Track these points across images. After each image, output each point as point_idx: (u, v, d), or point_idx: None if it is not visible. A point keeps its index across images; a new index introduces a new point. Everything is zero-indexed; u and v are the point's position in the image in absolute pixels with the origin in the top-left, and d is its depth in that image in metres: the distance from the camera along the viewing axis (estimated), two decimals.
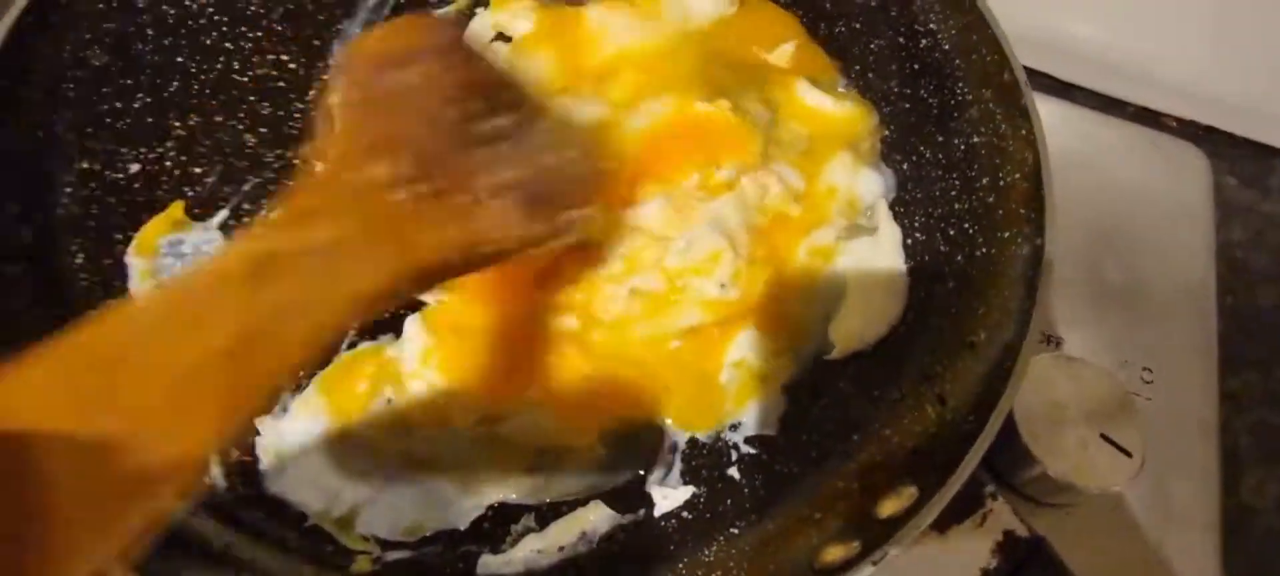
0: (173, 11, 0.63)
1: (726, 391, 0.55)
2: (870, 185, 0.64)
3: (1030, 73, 0.84)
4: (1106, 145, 0.82)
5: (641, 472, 0.54)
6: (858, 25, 0.70)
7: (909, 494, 0.46)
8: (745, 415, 0.55)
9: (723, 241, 0.53)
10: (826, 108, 0.66)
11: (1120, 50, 0.91)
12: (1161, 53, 0.91)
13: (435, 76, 0.36)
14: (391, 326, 0.56)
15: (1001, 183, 0.59)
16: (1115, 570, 0.62)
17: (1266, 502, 0.70)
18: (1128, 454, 0.59)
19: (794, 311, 0.57)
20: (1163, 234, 0.78)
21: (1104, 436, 0.59)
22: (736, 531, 0.52)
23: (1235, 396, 0.73)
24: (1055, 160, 0.78)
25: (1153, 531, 0.64)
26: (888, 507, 0.47)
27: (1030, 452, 0.58)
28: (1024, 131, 0.58)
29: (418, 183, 0.34)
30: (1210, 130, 0.88)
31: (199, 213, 0.59)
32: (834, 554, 0.47)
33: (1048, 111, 0.80)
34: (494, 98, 0.37)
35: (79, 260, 0.55)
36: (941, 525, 0.44)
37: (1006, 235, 0.57)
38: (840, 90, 0.69)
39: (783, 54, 0.68)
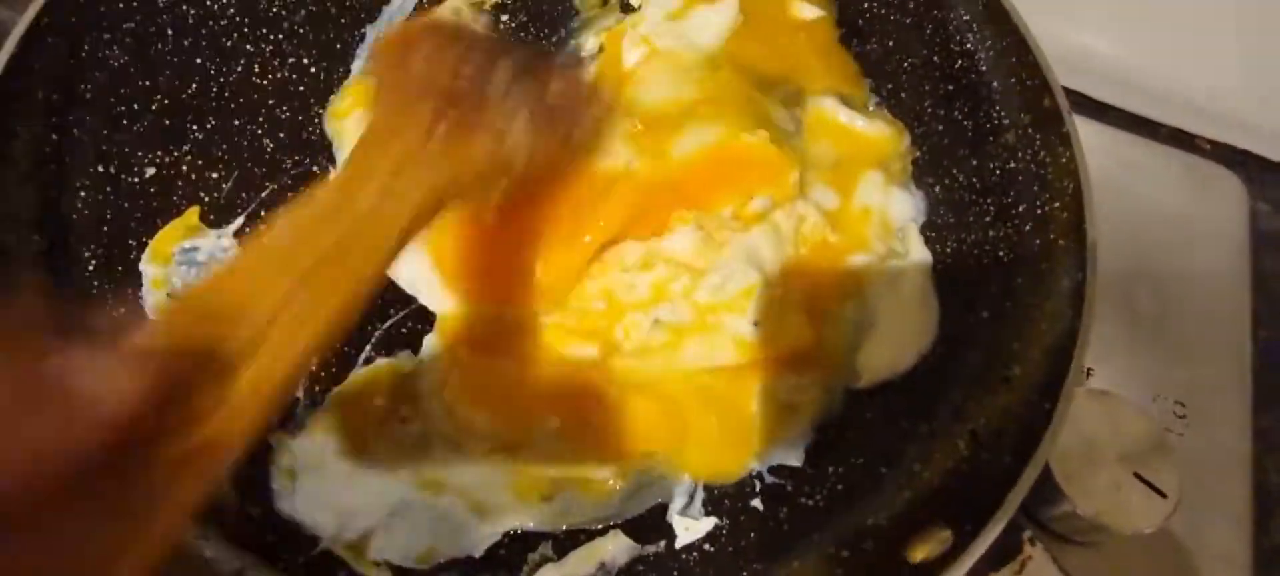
0: (193, 12, 0.61)
1: (751, 433, 0.53)
2: (902, 208, 0.62)
3: (1065, 92, 0.84)
4: (1139, 167, 0.80)
5: (662, 502, 0.52)
6: (891, 43, 0.69)
7: (943, 538, 0.44)
8: (771, 454, 0.53)
9: (756, 276, 0.52)
10: (858, 126, 0.64)
11: (1154, 71, 0.89)
12: (1196, 74, 0.89)
13: (445, 47, 0.44)
14: (409, 342, 0.55)
15: (1040, 211, 0.57)
16: None
17: None
18: (1162, 494, 0.57)
19: (825, 341, 0.55)
20: (1197, 262, 0.76)
21: (1138, 475, 0.57)
22: (759, 568, 0.50)
23: (1267, 434, 0.71)
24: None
25: (1184, 571, 0.62)
26: (920, 552, 0.45)
27: (1062, 491, 0.56)
28: (1065, 159, 0.56)
29: (451, 116, 0.41)
30: (1245, 155, 0.85)
31: (214, 219, 0.58)
32: None
33: (1081, 131, 0.80)
34: (494, 56, 0.44)
35: (92, 266, 0.54)
36: (976, 572, 0.42)
37: (1045, 266, 0.55)
38: (871, 109, 0.67)
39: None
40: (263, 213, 0.59)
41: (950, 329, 0.58)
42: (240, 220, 0.58)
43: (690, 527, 0.52)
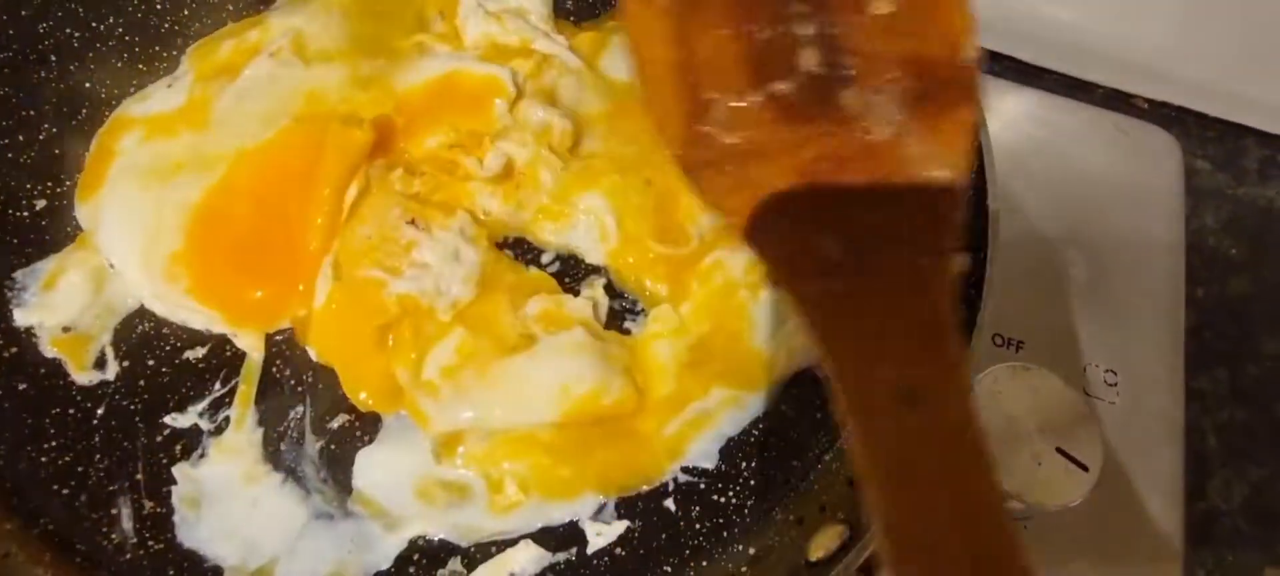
0: (78, 35, 0.60)
1: (660, 449, 0.53)
2: None
3: (996, 57, 0.83)
4: (1073, 131, 0.79)
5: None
6: None
7: (839, 532, 0.44)
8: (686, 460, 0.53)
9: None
10: None
11: (1090, 31, 0.87)
12: (1132, 32, 0.88)
13: None
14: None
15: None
16: None
17: (1233, 504, 0.68)
18: (1084, 468, 0.56)
19: (732, 354, 0.55)
20: (1131, 225, 0.75)
21: (1060, 450, 0.57)
22: (669, 569, 0.50)
23: (1203, 394, 0.71)
24: (1021, 149, 0.76)
25: (1114, 541, 0.62)
26: (817, 548, 0.45)
27: None
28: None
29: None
30: (1181, 112, 0.85)
31: None
32: None
33: (1014, 99, 0.79)
34: None
35: None
36: (870, 568, 0.42)
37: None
38: None
39: None
40: None
41: None
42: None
43: (602, 532, 0.51)
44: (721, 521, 0.52)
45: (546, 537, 0.51)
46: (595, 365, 0.53)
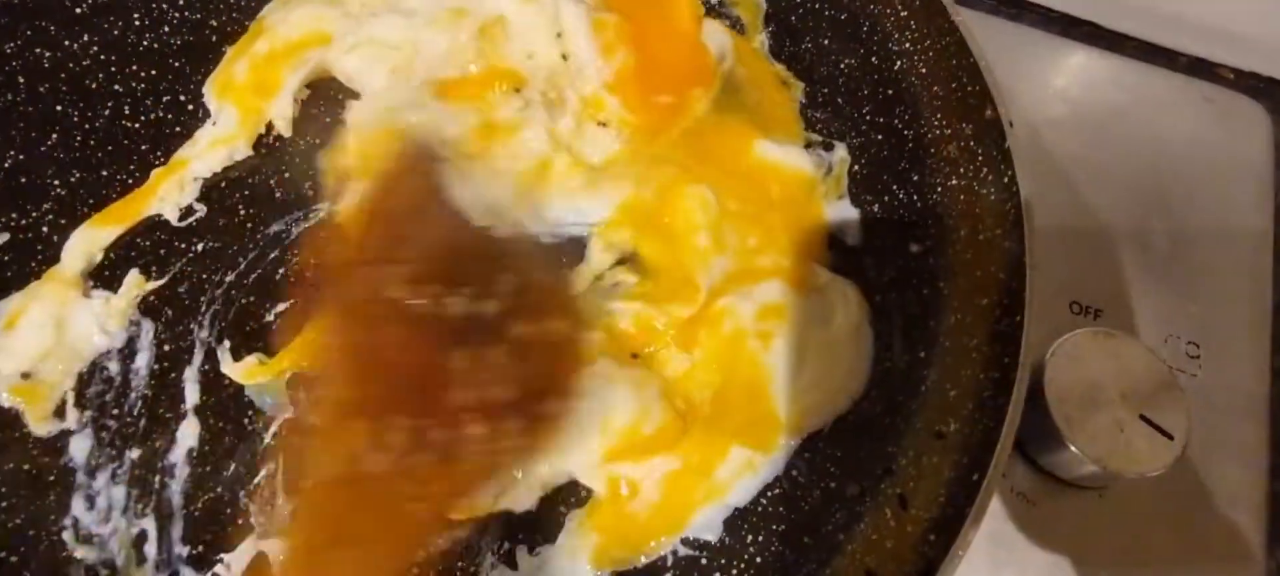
0: (49, 55, 0.56)
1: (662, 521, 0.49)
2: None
3: (1076, 22, 0.79)
4: (1157, 99, 0.75)
5: None
6: (825, 41, 0.62)
7: None
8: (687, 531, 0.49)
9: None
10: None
11: None
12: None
13: (420, 263, 0.34)
14: None
15: (981, 238, 0.51)
16: (1152, 555, 0.57)
17: None
18: (1169, 437, 0.53)
19: (750, 408, 0.50)
20: (1217, 196, 0.71)
21: (1144, 417, 0.54)
22: None
23: None
24: (1101, 115, 0.72)
25: (1193, 515, 0.58)
26: None
27: (1063, 434, 0.53)
28: (1006, 178, 0.50)
29: (396, 431, 0.32)
30: (1271, 82, 0.79)
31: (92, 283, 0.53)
32: None
33: (1094, 63, 0.75)
34: (484, 272, 0.35)
35: None
36: None
37: (985, 303, 0.49)
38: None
39: None
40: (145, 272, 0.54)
41: (884, 371, 0.52)
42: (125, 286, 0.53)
43: None
44: None
45: None
46: (629, 394, 0.50)
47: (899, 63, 0.58)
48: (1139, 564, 0.57)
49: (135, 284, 0.53)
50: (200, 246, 0.55)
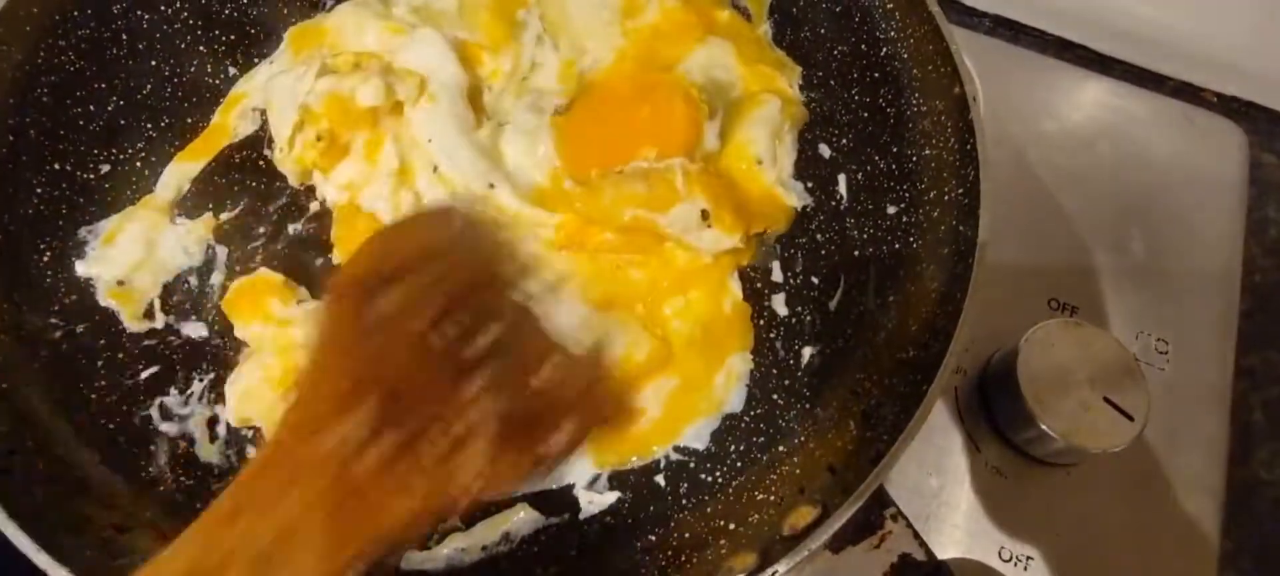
0: (147, 17, 0.65)
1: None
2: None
3: (1069, 45, 0.84)
4: (1142, 118, 0.80)
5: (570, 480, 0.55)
6: (822, 31, 0.70)
7: (810, 512, 0.47)
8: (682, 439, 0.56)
9: None
10: None
11: (1162, 24, 0.87)
12: (1203, 27, 0.87)
13: (429, 290, 0.34)
14: None
15: (947, 198, 0.58)
16: (1116, 530, 0.62)
17: (1276, 476, 0.69)
18: (1130, 417, 0.59)
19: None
20: (1193, 210, 0.76)
21: (1107, 399, 0.59)
22: (654, 538, 0.53)
23: (1253, 372, 0.72)
24: (1090, 132, 0.78)
25: (1156, 496, 0.63)
26: (790, 525, 0.47)
27: (1031, 412, 0.59)
28: (969, 145, 0.57)
29: (390, 432, 0.32)
30: (1251, 106, 0.85)
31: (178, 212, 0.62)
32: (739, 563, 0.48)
33: (1086, 85, 0.81)
34: (490, 304, 0.34)
35: (45, 259, 0.58)
36: (836, 544, 0.45)
37: (946, 252, 0.56)
38: None
39: None
40: (219, 206, 0.63)
41: (858, 314, 0.60)
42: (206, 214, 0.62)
43: (594, 501, 0.55)
44: (706, 498, 0.54)
45: (542, 502, 0.54)
46: (615, 328, 0.56)
47: (885, 49, 0.66)
48: (1104, 538, 0.62)
49: (207, 222, 0.62)
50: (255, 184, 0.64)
